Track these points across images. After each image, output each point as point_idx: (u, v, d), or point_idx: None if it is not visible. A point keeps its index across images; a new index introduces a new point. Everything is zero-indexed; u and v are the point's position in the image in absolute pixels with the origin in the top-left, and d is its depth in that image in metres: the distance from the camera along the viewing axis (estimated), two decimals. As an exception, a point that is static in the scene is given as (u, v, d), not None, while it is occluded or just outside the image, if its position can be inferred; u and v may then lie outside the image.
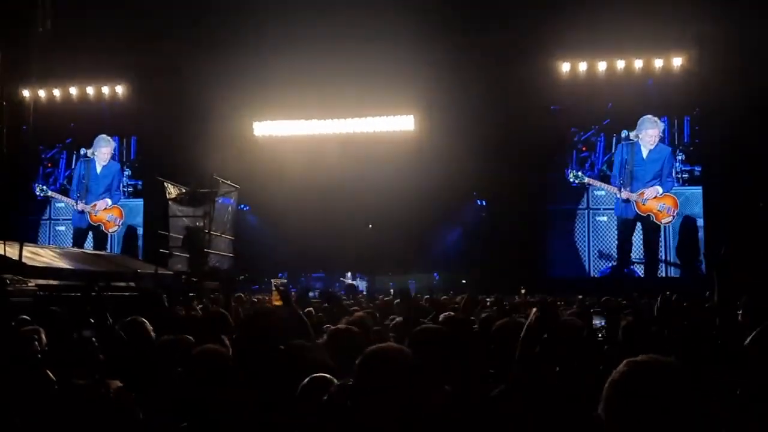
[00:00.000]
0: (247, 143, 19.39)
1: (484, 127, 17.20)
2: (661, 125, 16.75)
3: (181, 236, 14.95)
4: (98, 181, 20.54)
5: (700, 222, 16.89)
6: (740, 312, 4.40)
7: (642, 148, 16.26)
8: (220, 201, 16.25)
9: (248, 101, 18.55)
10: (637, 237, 17.15)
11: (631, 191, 16.34)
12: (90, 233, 20.35)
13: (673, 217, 16.67)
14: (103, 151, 20.58)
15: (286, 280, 17.20)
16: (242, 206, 19.12)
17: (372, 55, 16.77)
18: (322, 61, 17.40)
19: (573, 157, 17.85)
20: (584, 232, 17.72)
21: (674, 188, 17.06)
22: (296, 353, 2.86)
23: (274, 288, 10.04)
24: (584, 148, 17.83)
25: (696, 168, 17.17)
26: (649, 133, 16.72)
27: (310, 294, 9.97)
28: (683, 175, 17.21)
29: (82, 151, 20.54)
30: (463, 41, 17.27)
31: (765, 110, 15.68)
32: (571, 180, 16.70)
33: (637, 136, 16.91)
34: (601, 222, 17.46)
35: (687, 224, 16.93)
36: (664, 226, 16.86)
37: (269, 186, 18.29)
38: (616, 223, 17.34)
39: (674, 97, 17.04)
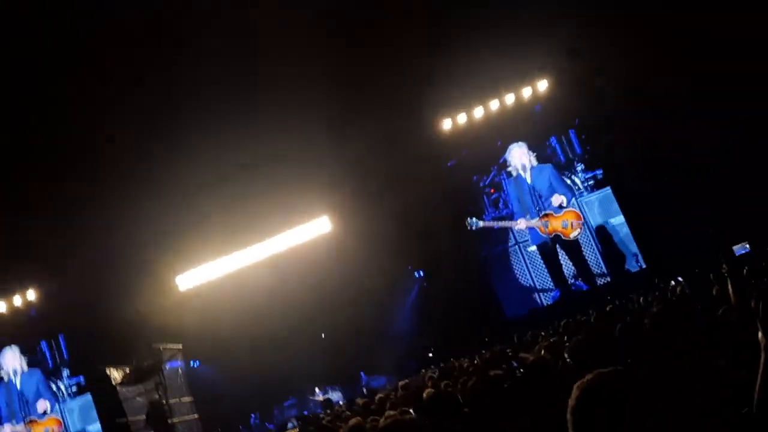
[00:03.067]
0: (174, 299, 18.79)
1: (396, 205, 17.53)
2: (524, 145, 17.16)
3: (142, 417, 14.47)
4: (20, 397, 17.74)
5: (619, 220, 17.38)
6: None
7: (522, 174, 16.61)
8: (168, 367, 15.91)
9: (165, 258, 18.02)
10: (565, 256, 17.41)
11: (531, 218, 16.54)
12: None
13: (580, 229, 16.84)
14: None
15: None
16: (192, 362, 18.97)
17: (275, 168, 16.90)
18: (227, 195, 17.31)
19: (485, 201, 18.25)
20: (522, 266, 18.00)
21: (583, 198, 17.47)
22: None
23: None
24: (492, 190, 18.27)
25: (597, 172, 17.77)
26: (516, 158, 16.99)
27: (290, 425, 9.77)
28: (589, 183, 17.81)
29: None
30: (351, 131, 17.48)
31: (632, 101, 16.58)
32: (469, 227, 16.78)
33: (515, 167, 17.43)
34: (532, 252, 17.75)
35: (605, 231, 17.33)
36: (587, 238, 17.15)
37: (210, 333, 17.93)
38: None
39: (552, 116, 17.73)
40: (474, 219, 16.32)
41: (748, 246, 14.99)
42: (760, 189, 15.14)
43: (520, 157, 17.02)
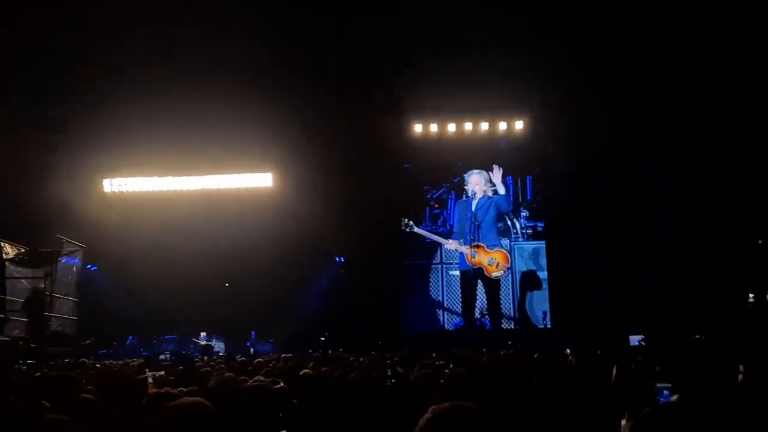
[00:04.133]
0: (95, 200, 18.60)
1: (340, 185, 17.65)
2: (485, 175, 17.17)
3: (20, 300, 13.99)
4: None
5: (543, 275, 17.92)
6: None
7: (473, 201, 16.48)
8: (63, 261, 15.41)
9: (97, 157, 17.88)
10: (482, 290, 17.59)
11: (464, 243, 16.43)
12: None
13: (504, 271, 16.98)
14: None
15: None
16: (89, 266, 18.55)
17: (229, 112, 16.63)
18: (178, 117, 17.01)
19: (426, 213, 18.38)
20: (438, 286, 18.24)
21: (517, 243, 17.85)
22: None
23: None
24: (437, 205, 18.44)
25: (539, 224, 18.27)
26: (473, 183, 16.93)
27: (161, 357, 9.70)
28: (527, 231, 18.25)
29: None
30: (319, 101, 17.42)
31: (598, 172, 17.04)
32: (402, 228, 16.76)
33: (469, 191, 17.50)
34: (453, 276, 18.04)
35: (530, 280, 17.74)
36: (510, 280, 17.42)
37: (120, 245, 17.78)
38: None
39: (519, 157, 18.13)
40: (411, 222, 16.35)
41: (639, 340, 15.51)
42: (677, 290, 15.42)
43: (476, 183, 17.13)
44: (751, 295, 13.97)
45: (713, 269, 15.38)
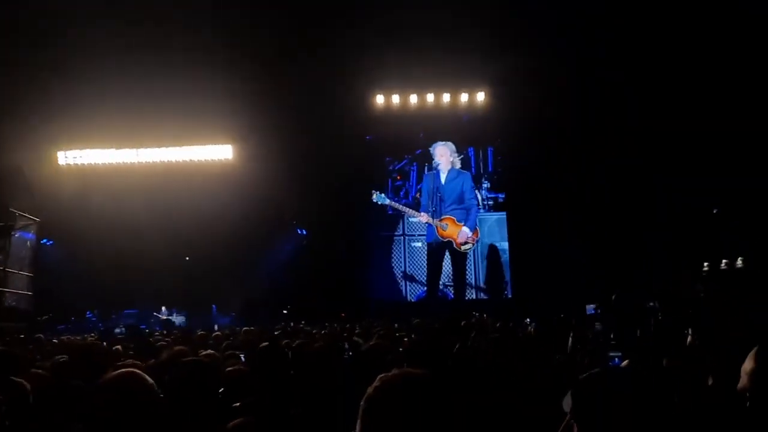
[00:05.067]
0: (50, 173, 18.31)
1: (301, 157, 17.53)
2: (451, 146, 16.24)
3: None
4: None
5: (505, 245, 18.09)
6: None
7: (441, 173, 15.57)
8: (17, 235, 15.12)
9: (50, 128, 17.45)
10: (447, 261, 17.03)
11: (434, 217, 15.61)
12: None
13: (473, 244, 16.37)
14: None
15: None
16: (45, 240, 18.33)
17: (190, 83, 16.31)
18: (136, 88, 16.70)
19: (388, 185, 18.40)
20: (401, 258, 18.38)
21: (479, 215, 17.44)
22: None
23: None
24: (399, 177, 18.52)
25: (500, 195, 18.42)
26: (439, 155, 16.05)
27: (117, 331, 9.64)
28: (488, 202, 18.42)
29: None
30: (280, 71, 17.20)
31: (560, 142, 17.30)
32: (374, 200, 15.72)
33: (436, 164, 16.85)
34: (415, 248, 18.16)
35: (492, 252, 17.99)
36: (474, 252, 17.20)
37: (76, 219, 17.52)
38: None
39: (480, 128, 18.10)
40: (381, 194, 16.08)
41: (598, 309, 15.80)
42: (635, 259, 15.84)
43: (441, 154, 16.65)
44: (705, 264, 14.44)
45: (669, 240, 15.62)
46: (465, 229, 14.69)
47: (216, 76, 16.06)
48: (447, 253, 16.52)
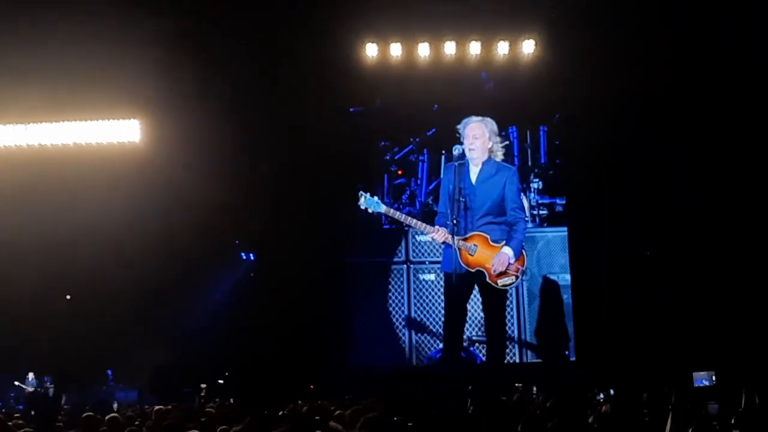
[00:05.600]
0: None
1: (248, 143, 15.83)
2: (491, 124, 14.89)
3: None
4: None
5: (567, 279, 15.71)
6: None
7: (471, 166, 14.31)
8: None
9: None
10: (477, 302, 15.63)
11: (455, 234, 13.99)
12: None
13: (517, 277, 14.71)
14: None
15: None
16: None
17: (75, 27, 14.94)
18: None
19: (384, 184, 16.27)
20: (402, 297, 16.04)
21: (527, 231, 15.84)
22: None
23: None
24: (400, 172, 16.34)
25: (557, 201, 16.09)
26: (471, 137, 14.63)
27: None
28: (540, 212, 15.95)
29: None
30: (215, 12, 15.32)
31: (653, 119, 15.62)
32: (362, 206, 14.61)
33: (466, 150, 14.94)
34: (426, 282, 15.94)
35: (547, 289, 15.92)
36: (518, 288, 15.22)
37: None
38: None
39: (527, 97, 15.92)
40: (374, 198, 14.39)
41: (714, 378, 14.82)
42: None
43: (477, 136, 15.06)
44: None
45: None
46: (505, 252, 13.19)
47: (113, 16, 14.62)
48: (476, 290, 15.01)
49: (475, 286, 13.08)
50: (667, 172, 15.93)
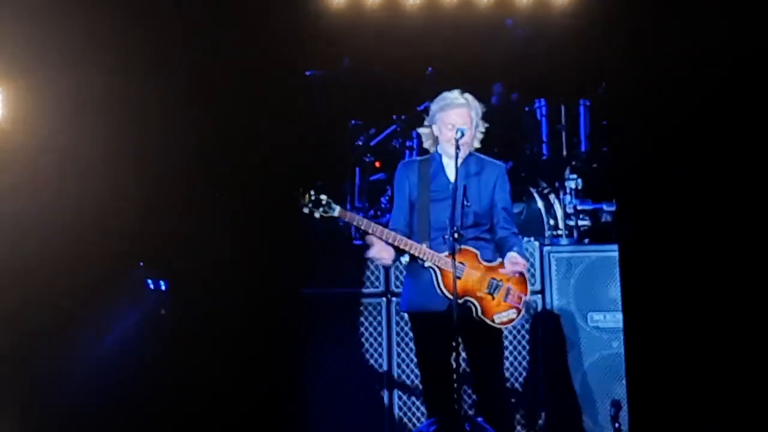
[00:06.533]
0: None
1: (154, 120, 12.12)
2: (476, 106, 11.16)
3: None
4: None
5: (618, 320, 12.07)
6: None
7: (444, 158, 9.69)
8: None
9: None
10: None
11: (442, 248, 10.44)
12: None
13: (521, 312, 11.16)
14: None
15: None
16: None
17: None
18: None
19: (356, 181, 12.72)
20: (381, 344, 12.36)
21: (557, 251, 12.14)
22: None
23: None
24: (378, 164, 12.93)
25: (604, 206, 12.50)
26: (449, 123, 11.06)
27: None
28: (581, 221, 12.40)
29: None
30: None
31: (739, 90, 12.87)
32: (305, 210, 11.43)
33: (440, 141, 11.41)
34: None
35: (591, 330, 12.71)
36: (520, 325, 12.05)
37: None
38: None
39: (560, 60, 12.91)
40: (330, 202, 10.83)
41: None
42: None
43: (460, 123, 11.31)
44: None
45: None
46: (514, 256, 9.54)
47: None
48: (462, 337, 11.05)
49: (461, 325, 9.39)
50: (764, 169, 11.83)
